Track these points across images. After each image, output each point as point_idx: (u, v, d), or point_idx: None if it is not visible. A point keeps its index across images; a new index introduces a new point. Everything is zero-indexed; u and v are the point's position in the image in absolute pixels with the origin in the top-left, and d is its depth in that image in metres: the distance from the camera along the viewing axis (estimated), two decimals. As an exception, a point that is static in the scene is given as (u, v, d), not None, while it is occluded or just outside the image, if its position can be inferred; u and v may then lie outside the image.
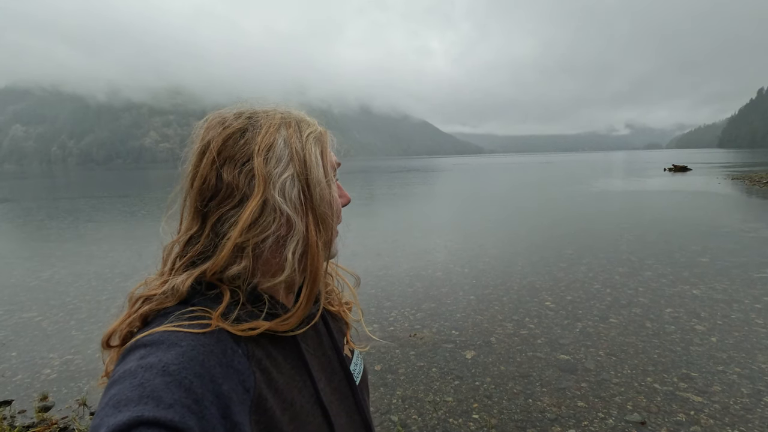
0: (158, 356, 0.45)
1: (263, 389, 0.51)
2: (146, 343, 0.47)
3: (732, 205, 13.06)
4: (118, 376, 0.44)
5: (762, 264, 6.09)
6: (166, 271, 0.56)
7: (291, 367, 0.57)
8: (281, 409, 0.52)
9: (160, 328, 0.48)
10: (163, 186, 29.71)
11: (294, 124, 0.59)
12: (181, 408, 0.41)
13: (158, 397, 0.41)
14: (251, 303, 0.55)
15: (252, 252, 0.54)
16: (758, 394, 2.92)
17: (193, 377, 0.44)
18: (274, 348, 0.56)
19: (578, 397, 2.97)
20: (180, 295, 0.52)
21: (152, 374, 0.43)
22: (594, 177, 27.94)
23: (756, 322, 4.11)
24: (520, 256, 7.03)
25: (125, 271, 6.60)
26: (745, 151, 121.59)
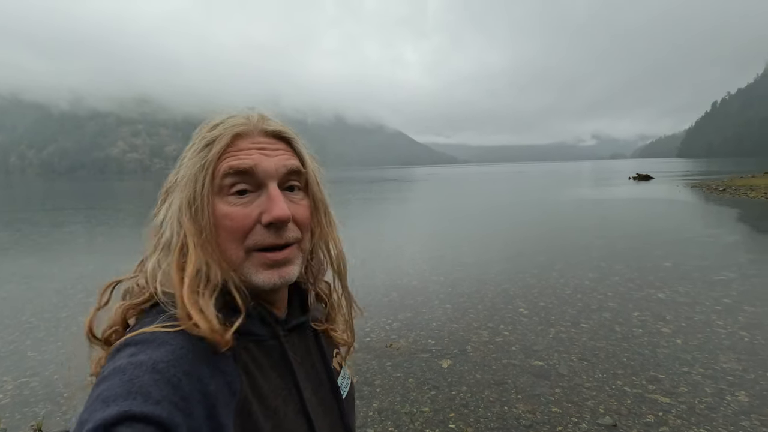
0: (148, 354, 0.45)
1: (248, 394, 0.51)
2: (137, 341, 0.47)
3: (692, 211, 13.71)
4: (108, 373, 0.44)
5: (721, 267, 6.39)
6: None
7: (277, 375, 0.57)
8: (264, 416, 0.52)
9: (150, 327, 0.49)
10: (129, 197, 28.72)
11: (198, 135, 0.59)
12: (168, 405, 0.42)
13: (147, 393, 0.41)
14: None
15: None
16: (721, 393, 3.03)
17: (182, 375, 0.45)
18: (260, 354, 0.56)
19: (552, 402, 3.00)
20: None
21: (141, 371, 0.43)
22: (564, 186, 28.84)
23: (717, 323, 4.29)
24: (495, 264, 7.13)
25: (88, 287, 6.29)
26: (702, 161, 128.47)
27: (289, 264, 0.56)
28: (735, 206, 14.08)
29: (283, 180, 0.57)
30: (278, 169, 0.56)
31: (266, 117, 0.61)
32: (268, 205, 0.54)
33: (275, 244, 0.55)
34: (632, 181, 30.33)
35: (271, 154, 0.57)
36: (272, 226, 0.54)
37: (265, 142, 0.58)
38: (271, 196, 0.55)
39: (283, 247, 0.56)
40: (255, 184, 0.56)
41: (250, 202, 0.55)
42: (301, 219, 0.59)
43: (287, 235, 0.56)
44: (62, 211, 18.55)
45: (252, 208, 0.55)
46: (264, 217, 0.54)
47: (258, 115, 0.60)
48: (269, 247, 0.55)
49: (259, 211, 0.54)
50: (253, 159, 0.55)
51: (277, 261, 0.55)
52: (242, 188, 0.55)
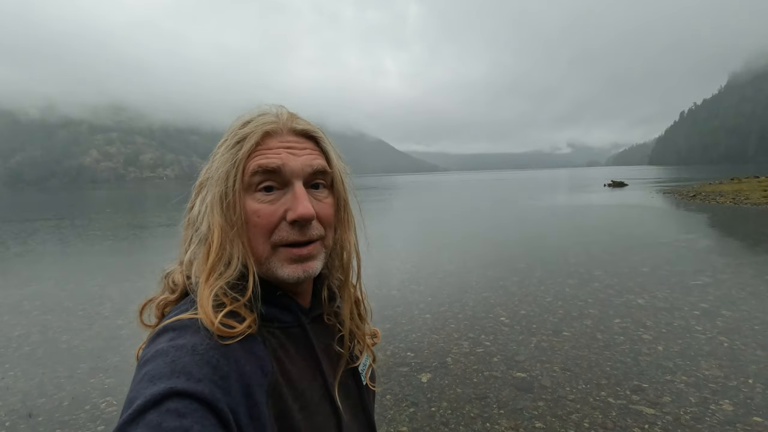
0: (187, 338, 0.48)
1: (278, 376, 0.53)
2: (175, 327, 0.51)
3: (666, 217, 14.02)
4: (151, 356, 0.47)
5: (697, 272, 6.45)
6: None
7: (302, 360, 0.59)
8: (293, 397, 0.54)
9: (187, 314, 0.52)
10: (102, 208, 27.73)
11: (231, 131, 0.60)
12: (209, 383, 0.45)
13: (189, 372, 0.44)
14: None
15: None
16: (705, 402, 2.96)
17: (220, 357, 0.48)
18: (287, 340, 0.59)
19: (536, 417, 2.87)
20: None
21: (182, 353, 0.46)
22: (542, 193, 29.29)
23: (696, 328, 4.27)
24: (475, 271, 7.03)
25: (47, 303, 5.90)
26: (672, 168, 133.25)
27: (312, 259, 0.59)
28: (705, 212, 14.49)
29: (309, 179, 0.59)
30: (304, 169, 0.58)
31: (295, 115, 0.63)
32: (293, 203, 0.56)
33: (299, 240, 0.57)
34: (608, 188, 31.04)
35: (299, 153, 0.59)
36: (297, 223, 0.57)
37: (293, 141, 0.60)
38: (296, 194, 0.57)
39: (307, 243, 0.58)
40: (282, 182, 0.58)
41: (277, 200, 0.57)
42: (325, 217, 0.61)
43: (311, 232, 0.58)
44: (28, 223, 17.68)
45: (278, 205, 0.57)
46: (289, 215, 0.56)
47: (287, 113, 0.62)
48: (294, 243, 0.57)
49: (284, 208, 0.57)
50: (281, 158, 0.57)
51: (301, 256, 0.57)
52: (269, 185, 0.57)
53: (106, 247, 11.02)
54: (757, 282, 5.83)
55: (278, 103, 0.65)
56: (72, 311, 5.52)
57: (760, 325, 4.29)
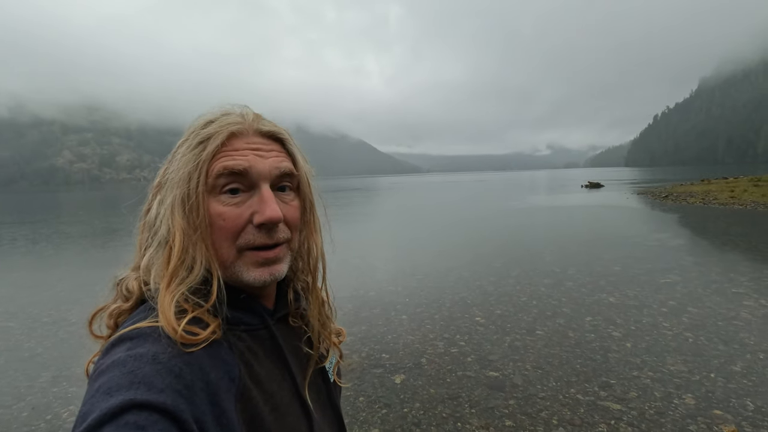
0: (146, 347, 0.46)
1: (246, 380, 0.52)
2: (132, 336, 0.48)
3: (639, 217, 14.41)
4: (106, 367, 0.44)
5: (666, 270, 6.65)
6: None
7: (270, 361, 0.59)
8: (263, 400, 0.53)
9: (146, 322, 0.50)
10: (74, 210, 26.86)
11: (192, 130, 0.58)
12: (172, 393, 0.43)
13: (150, 383, 0.42)
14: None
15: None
16: (669, 396, 3.05)
17: (183, 365, 0.46)
18: (254, 343, 0.58)
19: (506, 415, 2.90)
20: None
21: (142, 363, 0.44)
22: (522, 194, 29.74)
23: (663, 325, 4.39)
24: (452, 272, 7.08)
25: (9, 309, 5.66)
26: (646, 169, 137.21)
27: (279, 262, 0.58)
28: (676, 211, 14.96)
29: (276, 181, 0.59)
30: (271, 171, 0.58)
31: (260, 116, 0.62)
32: (260, 206, 0.55)
33: (266, 244, 0.56)
34: (585, 189, 31.75)
35: (266, 155, 0.58)
36: (264, 226, 0.56)
37: (259, 142, 0.59)
38: (263, 197, 0.56)
39: (274, 246, 0.57)
40: (248, 185, 0.56)
41: (243, 202, 0.56)
42: (291, 219, 0.60)
43: (278, 235, 0.57)
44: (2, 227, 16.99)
45: (244, 208, 0.56)
46: (256, 218, 0.55)
47: (253, 113, 0.61)
48: (260, 246, 0.56)
49: (251, 211, 0.56)
50: (248, 160, 0.56)
51: (267, 259, 0.57)
52: (235, 187, 0.56)
53: (78, 251, 10.67)
54: (722, 279, 6.04)
55: (243, 104, 0.63)
56: (37, 318, 5.32)
57: (723, 321, 4.44)
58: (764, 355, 3.65)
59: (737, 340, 3.97)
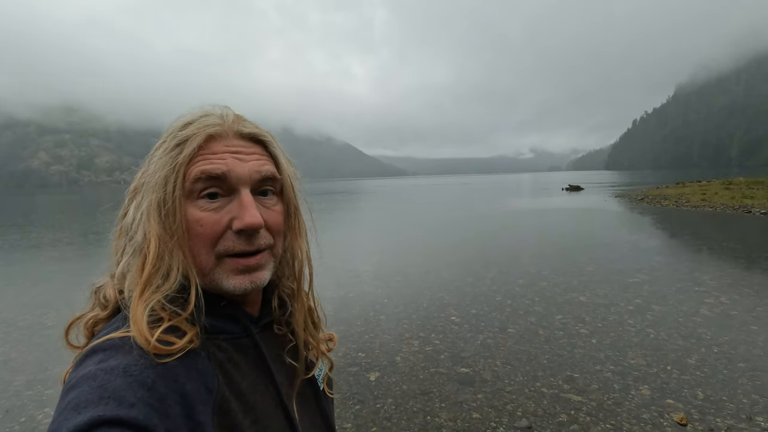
0: (118, 359, 0.44)
1: (225, 391, 0.50)
2: (104, 348, 0.46)
3: (614, 219, 14.84)
4: (76, 381, 0.43)
5: (636, 270, 6.92)
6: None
7: (253, 371, 0.56)
8: (243, 411, 0.52)
9: (118, 333, 0.48)
10: (50, 213, 26.22)
11: (170, 132, 0.56)
12: (144, 406, 0.41)
13: (120, 397, 0.41)
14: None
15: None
16: (627, 388, 3.23)
17: (156, 377, 0.44)
18: (235, 352, 0.55)
19: (474, 409, 3.03)
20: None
21: (113, 376, 0.42)
22: (504, 196, 30.21)
23: (628, 322, 4.61)
24: (432, 273, 7.23)
25: (-18, 314, 5.57)
26: (625, 173, 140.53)
27: (260, 269, 0.56)
28: (650, 213, 15.46)
29: (257, 185, 0.57)
30: (252, 176, 0.56)
31: (242, 117, 0.59)
32: (239, 211, 0.53)
33: (246, 251, 0.54)
34: (565, 192, 32.42)
35: (246, 158, 0.56)
36: (243, 232, 0.54)
37: (239, 145, 0.57)
38: (242, 202, 0.54)
39: (255, 252, 0.55)
40: (227, 189, 0.54)
41: (221, 208, 0.54)
42: (274, 225, 0.58)
43: (259, 241, 0.55)
44: (-36, 230, 16.48)
45: (223, 213, 0.54)
46: (235, 224, 0.53)
47: (233, 114, 0.59)
48: (240, 253, 0.54)
49: (230, 217, 0.54)
50: (227, 164, 0.54)
51: (248, 266, 0.55)
52: (213, 192, 0.54)
53: (53, 255, 10.48)
54: (686, 278, 6.33)
55: (224, 104, 0.60)
56: (12, 322, 5.25)
57: (684, 317, 4.68)
58: (718, 348, 3.88)
59: (695, 335, 4.20)
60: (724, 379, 3.32)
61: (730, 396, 3.07)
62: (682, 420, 2.78)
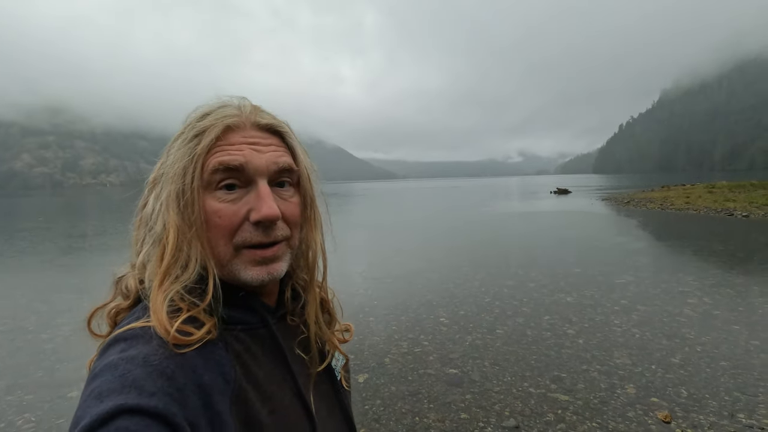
0: (139, 348, 0.45)
1: (243, 382, 0.51)
2: (126, 337, 0.47)
3: (601, 221, 15.05)
4: (99, 370, 0.44)
5: (622, 271, 7.02)
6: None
7: (270, 361, 0.57)
8: (261, 401, 0.52)
9: (139, 322, 0.49)
10: (33, 215, 25.67)
11: (188, 123, 0.57)
12: (164, 396, 0.42)
13: (141, 386, 0.42)
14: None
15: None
16: (613, 387, 3.27)
17: (175, 367, 0.45)
18: (252, 343, 0.56)
19: (462, 409, 3.04)
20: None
21: (134, 365, 0.43)
22: (493, 200, 30.45)
23: (614, 322, 4.67)
24: (422, 275, 7.24)
25: (-39, 318, 5.42)
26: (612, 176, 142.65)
27: (277, 261, 0.56)
28: (636, 216, 15.71)
29: (274, 177, 0.57)
30: (269, 167, 0.56)
31: (259, 108, 0.60)
32: (256, 203, 0.54)
33: (263, 242, 0.55)
34: (553, 195, 32.79)
35: (263, 150, 0.56)
36: (261, 224, 0.54)
37: (257, 136, 0.57)
38: (260, 194, 0.54)
39: (272, 244, 0.55)
40: (245, 180, 0.55)
41: (239, 199, 0.54)
42: (291, 216, 0.58)
43: (276, 233, 0.55)
44: (-57, 233, 16.04)
45: (240, 205, 0.54)
46: (252, 216, 0.54)
47: (251, 105, 0.59)
48: (258, 245, 0.54)
49: (247, 208, 0.54)
50: (244, 155, 0.54)
51: (265, 258, 0.55)
52: (231, 183, 0.54)
53: (35, 258, 10.25)
54: (670, 279, 6.44)
55: (242, 95, 0.60)
56: (-9, 326, 5.12)
57: (668, 317, 4.76)
58: (701, 347, 3.95)
59: (679, 335, 4.27)
60: (706, 377, 3.38)
61: (712, 394, 3.13)
62: (667, 418, 2.82)
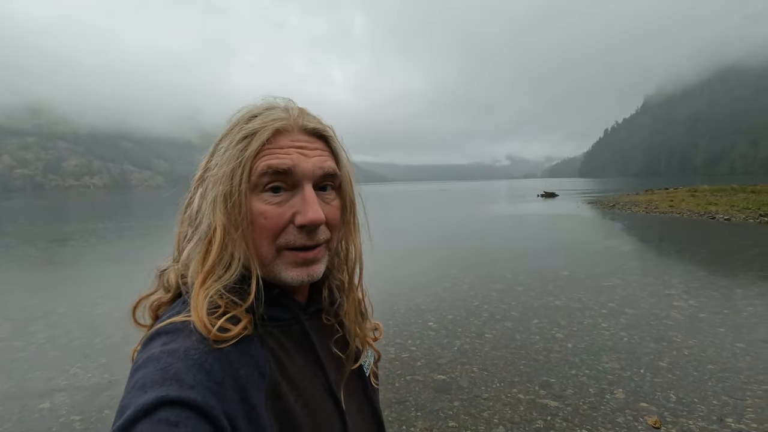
0: (179, 342, 0.47)
1: (277, 376, 0.52)
2: (167, 331, 0.49)
3: (588, 224, 15.20)
4: (143, 362, 0.46)
5: (609, 274, 7.05)
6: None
7: (302, 357, 0.58)
8: (294, 396, 0.53)
9: (179, 317, 0.51)
10: (12, 218, 24.97)
11: (235, 124, 0.57)
12: (203, 389, 0.43)
13: (181, 379, 0.43)
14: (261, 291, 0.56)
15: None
16: (602, 392, 3.23)
17: (213, 362, 0.46)
18: (286, 339, 0.58)
19: (450, 417, 2.97)
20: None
21: (175, 358, 0.45)
22: (482, 203, 30.60)
23: (602, 326, 4.65)
24: (409, 279, 7.17)
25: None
26: (598, 180, 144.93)
27: (317, 263, 0.58)
28: (621, 220, 15.90)
29: (319, 181, 0.58)
30: (315, 171, 0.57)
31: (306, 111, 0.61)
32: (302, 207, 0.55)
33: (306, 245, 0.56)
34: (540, 199, 33.09)
35: (310, 154, 0.57)
36: (305, 228, 0.55)
37: (304, 140, 0.58)
38: (306, 198, 0.55)
39: (313, 247, 0.56)
40: (291, 184, 0.56)
41: (285, 202, 0.55)
42: (332, 220, 0.60)
43: (318, 236, 0.57)
44: None
45: (286, 208, 0.55)
46: (298, 219, 0.55)
47: (298, 108, 0.60)
48: (300, 247, 0.56)
49: (292, 211, 0.55)
50: (293, 159, 0.55)
51: (306, 260, 0.56)
52: (277, 186, 0.55)
53: (12, 262, 9.93)
54: (657, 282, 6.48)
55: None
56: (-40, 334, 4.90)
57: (655, 320, 4.77)
58: (688, 351, 3.94)
59: (666, 338, 4.27)
60: (694, 381, 3.37)
61: (701, 398, 3.11)
62: (656, 423, 2.79)
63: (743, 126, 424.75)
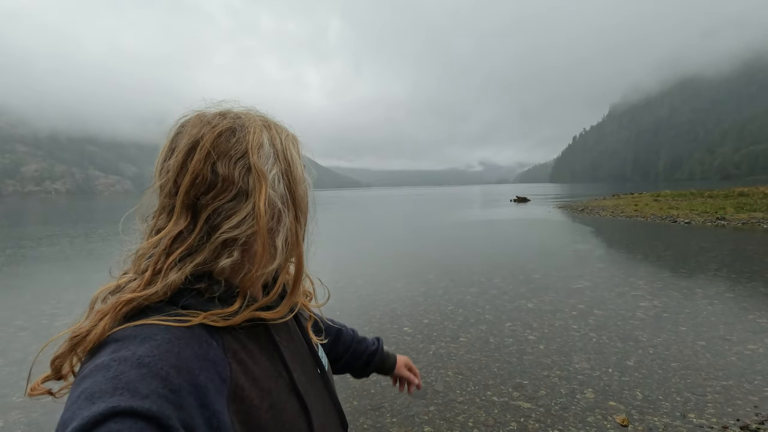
0: (131, 349, 0.45)
1: (240, 379, 0.51)
2: (118, 338, 0.47)
3: (558, 228, 15.61)
4: (89, 371, 0.43)
5: (579, 276, 7.25)
6: (149, 270, 0.53)
7: (266, 358, 0.58)
8: (259, 398, 0.53)
9: (131, 324, 0.49)
10: (-36, 225, 23.48)
11: (273, 126, 0.62)
12: (158, 398, 0.41)
13: (134, 389, 0.41)
14: (231, 296, 0.56)
15: (242, 244, 0.56)
16: (573, 392, 3.31)
17: (169, 368, 0.44)
18: (248, 340, 0.57)
19: (425, 422, 2.96)
20: (174, 288, 0.52)
21: (127, 366, 0.43)
22: (456, 208, 30.99)
23: (572, 327, 4.77)
24: (386, 284, 7.16)
25: None
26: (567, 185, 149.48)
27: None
28: (590, 224, 16.43)
29: None
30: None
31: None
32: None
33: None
34: (513, 204, 33.81)
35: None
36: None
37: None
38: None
39: None
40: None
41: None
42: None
43: None
44: None
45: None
46: None
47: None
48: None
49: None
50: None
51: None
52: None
53: (-36, 273, 9.32)
54: (623, 283, 6.71)
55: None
56: None
57: (622, 321, 4.93)
58: (653, 349, 4.09)
59: (632, 337, 4.41)
60: (659, 379, 3.50)
61: (665, 395, 3.23)
62: (624, 421, 2.87)
63: (700, 134, 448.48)
